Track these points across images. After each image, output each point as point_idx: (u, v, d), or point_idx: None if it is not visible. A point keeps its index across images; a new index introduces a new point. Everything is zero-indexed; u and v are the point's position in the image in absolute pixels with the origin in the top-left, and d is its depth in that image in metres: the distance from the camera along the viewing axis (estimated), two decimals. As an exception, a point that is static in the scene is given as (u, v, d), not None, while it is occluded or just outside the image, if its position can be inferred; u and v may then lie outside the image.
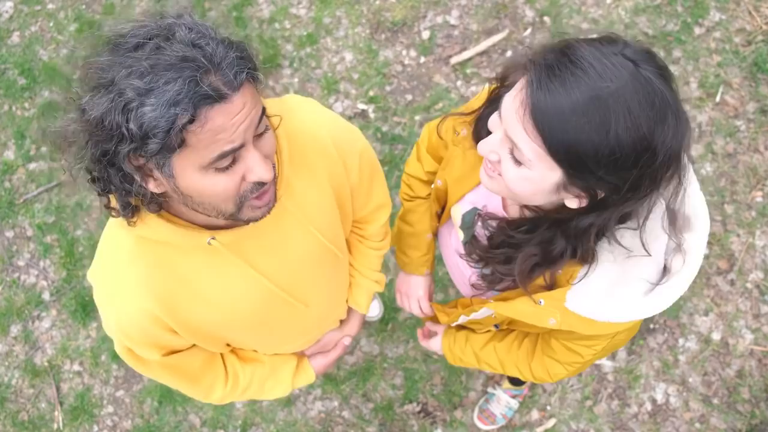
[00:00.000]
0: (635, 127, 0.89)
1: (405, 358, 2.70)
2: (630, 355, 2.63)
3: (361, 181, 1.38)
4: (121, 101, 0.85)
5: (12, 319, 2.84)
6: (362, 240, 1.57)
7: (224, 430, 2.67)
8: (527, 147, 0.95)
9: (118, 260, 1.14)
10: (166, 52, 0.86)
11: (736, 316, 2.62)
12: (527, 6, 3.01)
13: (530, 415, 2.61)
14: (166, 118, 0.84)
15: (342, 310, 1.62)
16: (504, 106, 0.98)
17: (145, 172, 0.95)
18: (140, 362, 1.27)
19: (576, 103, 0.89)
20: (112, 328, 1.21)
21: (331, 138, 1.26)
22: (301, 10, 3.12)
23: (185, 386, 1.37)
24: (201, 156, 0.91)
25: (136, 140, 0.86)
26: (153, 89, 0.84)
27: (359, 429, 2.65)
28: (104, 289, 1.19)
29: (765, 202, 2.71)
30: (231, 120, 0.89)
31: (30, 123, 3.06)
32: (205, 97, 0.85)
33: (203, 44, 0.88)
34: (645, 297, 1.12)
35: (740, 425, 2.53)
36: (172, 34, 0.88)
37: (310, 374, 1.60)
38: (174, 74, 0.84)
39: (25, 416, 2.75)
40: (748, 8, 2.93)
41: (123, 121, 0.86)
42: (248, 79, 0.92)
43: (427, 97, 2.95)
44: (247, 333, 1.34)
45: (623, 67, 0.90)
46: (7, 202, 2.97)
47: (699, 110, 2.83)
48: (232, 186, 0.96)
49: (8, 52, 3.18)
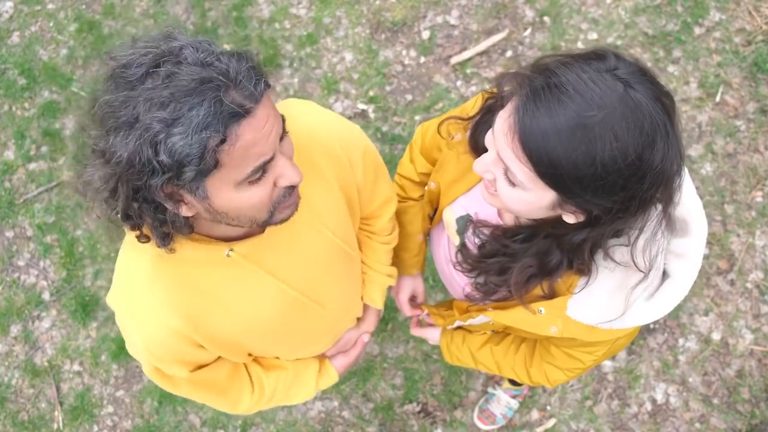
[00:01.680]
0: (622, 154, 0.88)
1: (405, 358, 2.70)
2: (630, 355, 2.63)
3: (366, 178, 1.39)
4: (148, 136, 0.84)
5: (12, 319, 2.84)
6: (371, 236, 1.57)
7: (224, 430, 2.67)
8: (518, 170, 0.95)
9: (138, 281, 1.14)
10: (180, 77, 0.84)
11: (736, 316, 2.62)
12: (527, 6, 3.01)
13: (530, 415, 2.61)
14: (198, 143, 0.84)
15: (358, 308, 1.63)
16: (496, 127, 0.98)
17: (176, 198, 0.94)
18: (169, 381, 1.28)
19: (561, 130, 0.88)
20: (139, 349, 1.21)
21: (335, 138, 1.26)
22: (301, 10, 3.12)
23: (214, 400, 1.38)
24: (236, 173, 0.91)
25: (171, 170, 0.86)
26: (179, 118, 0.83)
27: (359, 429, 2.65)
28: (127, 312, 1.19)
29: (765, 202, 2.71)
30: (260, 132, 0.89)
31: (30, 123, 3.06)
32: (232, 115, 0.85)
33: (214, 61, 0.87)
34: (646, 303, 1.12)
35: (740, 425, 2.53)
36: (180, 57, 0.86)
37: (333, 375, 1.61)
38: (197, 99, 0.83)
39: (25, 416, 2.75)
40: (748, 8, 2.93)
41: (153, 155, 0.84)
42: (267, 90, 0.92)
43: (427, 97, 2.95)
44: (269, 340, 1.35)
45: (612, 91, 0.88)
46: (7, 202, 2.97)
47: (699, 110, 2.83)
48: (266, 195, 0.97)
49: (8, 52, 3.18)
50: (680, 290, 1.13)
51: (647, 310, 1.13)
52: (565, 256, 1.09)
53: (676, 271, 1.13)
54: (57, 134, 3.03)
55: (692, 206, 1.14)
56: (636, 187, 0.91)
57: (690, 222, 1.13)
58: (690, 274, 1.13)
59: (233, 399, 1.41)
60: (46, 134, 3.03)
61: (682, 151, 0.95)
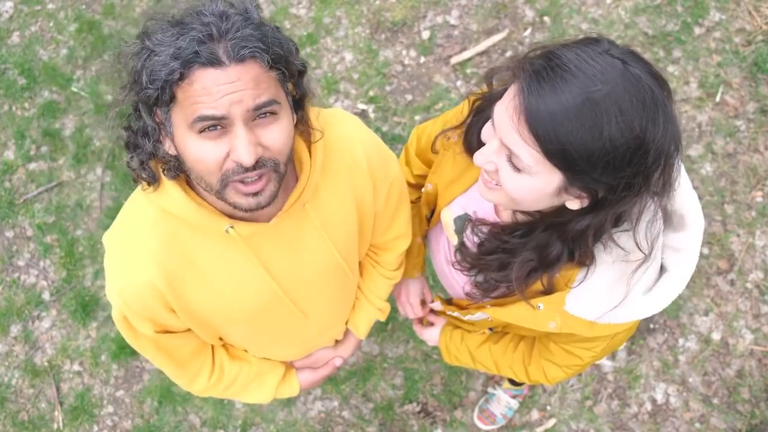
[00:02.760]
0: (628, 128, 0.90)
1: (405, 358, 2.70)
2: (630, 355, 2.63)
3: (387, 208, 1.38)
4: (144, 48, 0.94)
5: (12, 319, 2.84)
6: (376, 265, 1.56)
7: (224, 430, 2.67)
8: (525, 153, 0.95)
9: (137, 228, 1.16)
10: (197, 16, 0.94)
11: (736, 316, 2.62)
12: (527, 6, 3.01)
13: (530, 415, 2.61)
14: (165, 70, 0.92)
15: (340, 330, 1.62)
16: (497, 115, 0.98)
17: (161, 130, 1.01)
18: (133, 334, 1.27)
19: (568, 107, 0.89)
20: (114, 293, 1.21)
21: (366, 158, 1.26)
22: (301, 10, 3.12)
23: (171, 369, 1.37)
24: (186, 114, 0.95)
25: (145, 86, 0.94)
26: (165, 42, 0.93)
27: (359, 429, 2.65)
28: (116, 253, 1.20)
29: (765, 202, 2.71)
30: (217, 87, 0.92)
31: (30, 123, 3.06)
32: (197, 57, 0.91)
33: (230, 15, 0.94)
34: (644, 296, 1.12)
35: (740, 425, 2.53)
36: (214, 4, 0.96)
37: (294, 386, 1.59)
38: (185, 32, 0.92)
39: (25, 416, 2.75)
40: (748, 8, 2.93)
41: (140, 66, 0.95)
42: (258, 61, 0.95)
43: (427, 97, 2.95)
44: (243, 329, 1.35)
45: (612, 67, 0.90)
46: (7, 202, 2.97)
47: (699, 110, 2.83)
48: (214, 157, 0.98)
49: (8, 52, 3.17)
50: (678, 284, 1.13)
51: (645, 304, 1.13)
52: (566, 246, 1.09)
53: (674, 265, 1.14)
54: (57, 134, 3.03)
55: (688, 200, 1.14)
56: (641, 162, 0.92)
57: (686, 216, 1.13)
58: (687, 267, 1.13)
59: (190, 375, 1.40)
60: (46, 134, 3.03)
61: (679, 131, 0.96)
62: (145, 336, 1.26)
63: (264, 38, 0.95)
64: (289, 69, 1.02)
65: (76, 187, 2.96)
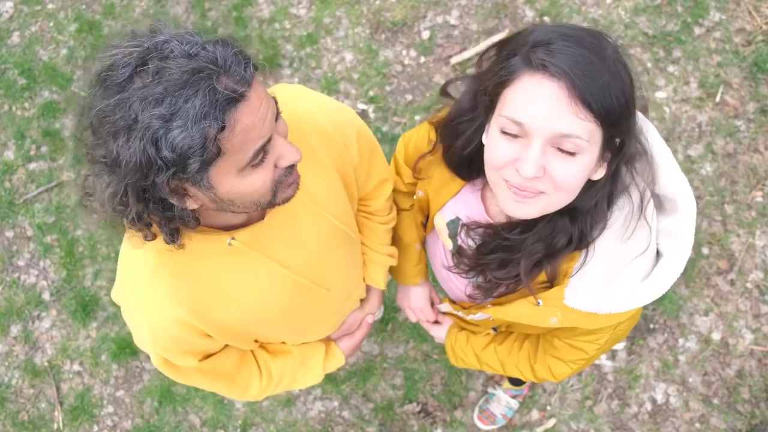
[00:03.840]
0: (626, 66, 0.99)
1: (405, 358, 2.70)
2: (630, 355, 2.63)
3: (362, 158, 1.38)
4: (149, 135, 0.83)
5: (12, 319, 2.84)
6: (369, 216, 1.57)
7: (224, 430, 2.67)
8: (581, 130, 0.95)
9: (141, 275, 1.14)
10: (170, 71, 0.84)
11: (736, 316, 2.62)
12: (527, 6, 3.01)
13: (530, 415, 2.61)
14: (198, 134, 0.84)
15: (361, 290, 1.63)
16: (531, 116, 0.96)
17: (181, 192, 0.94)
18: (179, 371, 1.28)
19: (594, 66, 0.94)
20: (146, 342, 1.21)
21: (329, 121, 1.26)
22: (301, 10, 3.12)
23: (223, 387, 1.39)
24: (238, 159, 0.91)
25: (175, 165, 0.86)
26: (176, 111, 0.83)
27: (359, 429, 2.65)
28: (132, 306, 1.20)
29: (765, 202, 2.71)
30: (256, 115, 0.91)
31: (30, 123, 3.06)
32: (228, 102, 0.86)
33: (200, 51, 0.87)
34: (642, 284, 1.12)
35: (740, 425, 2.53)
36: (165, 51, 0.86)
37: (339, 358, 1.62)
38: (191, 90, 0.83)
39: (25, 416, 2.75)
40: (748, 8, 2.93)
41: (155, 153, 0.84)
42: (256, 74, 0.93)
43: (427, 97, 2.95)
44: (275, 326, 1.36)
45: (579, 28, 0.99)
46: (7, 202, 2.97)
47: (699, 110, 2.83)
48: (269, 178, 0.98)
49: (8, 52, 3.17)
50: (675, 268, 1.13)
51: (644, 291, 1.13)
52: (576, 228, 1.10)
53: (670, 250, 1.14)
54: (57, 134, 3.03)
55: (678, 183, 1.14)
56: (633, 101, 1.00)
57: (677, 199, 1.13)
58: (683, 251, 1.13)
59: (242, 386, 1.42)
60: (46, 134, 3.03)
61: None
62: (191, 369, 1.27)
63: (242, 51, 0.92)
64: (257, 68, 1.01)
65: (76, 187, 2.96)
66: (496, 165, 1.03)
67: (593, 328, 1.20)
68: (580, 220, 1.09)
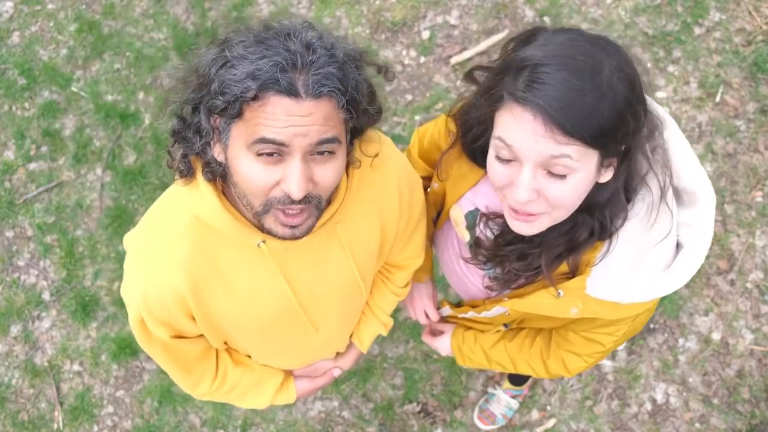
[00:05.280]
0: (624, 73, 0.97)
1: (405, 358, 2.70)
2: (630, 355, 2.63)
3: (407, 229, 1.40)
4: (221, 57, 0.94)
5: (12, 319, 2.84)
6: (386, 281, 1.57)
7: (224, 430, 2.67)
8: (568, 152, 0.96)
9: (168, 233, 1.15)
10: (283, 40, 0.94)
11: (736, 316, 2.62)
12: (527, 6, 3.02)
13: (530, 415, 2.61)
14: (240, 85, 0.91)
15: (344, 343, 1.63)
16: (517, 144, 0.98)
17: (215, 135, 1.01)
18: (147, 337, 1.27)
19: (578, 89, 0.93)
20: (135, 295, 1.20)
21: (397, 183, 1.28)
22: (301, 10, 3.12)
23: (177, 372, 1.38)
24: (248, 132, 0.95)
25: (213, 94, 0.94)
26: (246, 59, 0.92)
27: (359, 429, 2.65)
28: (142, 256, 1.19)
29: (765, 202, 2.71)
30: (286, 116, 0.93)
31: (30, 123, 3.06)
32: (276, 83, 0.91)
33: (317, 49, 0.94)
34: (664, 273, 1.13)
35: (740, 425, 2.53)
36: (303, 32, 0.96)
37: (291, 394, 1.60)
38: (269, 54, 0.92)
39: (25, 416, 2.75)
40: (748, 8, 2.93)
41: (214, 73, 0.94)
42: (333, 100, 0.95)
43: (427, 97, 2.95)
44: (253, 337, 1.35)
45: (572, 41, 0.97)
46: (7, 202, 2.97)
47: (699, 110, 2.83)
48: (264, 182, 0.98)
49: (8, 52, 3.18)
50: (695, 259, 1.14)
51: (666, 281, 1.13)
52: (597, 221, 1.10)
53: (690, 241, 1.15)
54: (57, 134, 3.03)
55: (697, 176, 1.15)
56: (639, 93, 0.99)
57: (696, 191, 1.15)
58: (704, 241, 1.14)
59: (195, 379, 1.41)
60: (46, 134, 3.03)
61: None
62: (159, 340, 1.26)
63: (344, 79, 0.96)
64: (358, 111, 1.03)
65: (76, 187, 2.96)
66: (495, 186, 1.08)
67: (614, 318, 1.19)
68: (598, 214, 1.09)
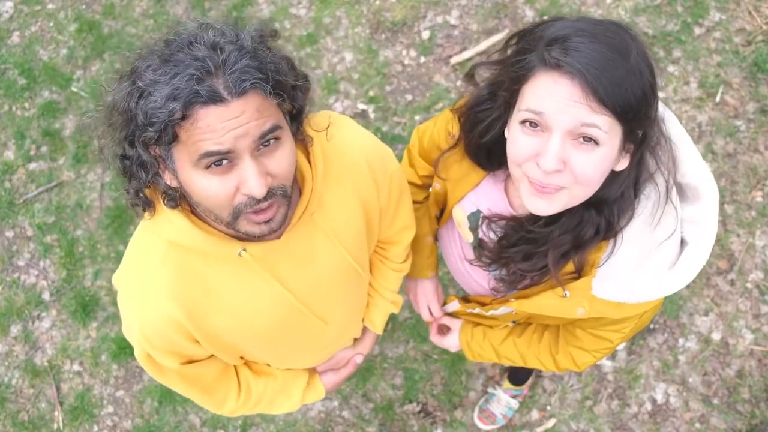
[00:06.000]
0: (647, 58, 0.99)
1: (405, 358, 2.70)
2: (630, 355, 2.63)
3: (390, 203, 1.38)
4: (135, 89, 0.91)
5: (12, 319, 2.84)
6: (384, 260, 1.57)
7: (224, 430, 2.67)
8: (599, 121, 0.96)
9: (147, 265, 1.14)
10: (188, 50, 0.90)
11: (736, 316, 2.62)
12: (527, 6, 3.02)
13: (530, 415, 2.61)
14: (165, 110, 0.89)
15: (358, 329, 1.62)
16: (550, 109, 0.98)
17: (161, 164, 0.99)
18: (159, 370, 1.27)
19: (612, 61, 0.95)
20: (134, 333, 1.20)
21: (365, 158, 1.26)
22: (301, 10, 3.12)
23: (199, 396, 1.37)
24: (190, 152, 0.93)
25: (141, 127, 0.92)
26: (160, 82, 0.89)
27: (359, 429, 2.65)
28: (130, 293, 1.19)
29: (765, 202, 2.71)
30: (221, 123, 0.91)
31: (30, 123, 3.06)
32: (198, 96, 0.88)
33: (224, 47, 0.91)
34: (670, 271, 1.13)
35: (740, 425, 2.53)
36: (203, 35, 0.93)
37: (320, 391, 1.60)
38: (180, 71, 0.88)
39: (25, 416, 2.75)
40: (748, 8, 2.93)
41: (134, 107, 0.92)
42: (258, 91, 0.92)
43: (427, 97, 2.95)
44: (265, 346, 1.34)
45: (599, 22, 0.99)
46: (7, 202, 2.97)
47: (699, 110, 2.83)
48: (224, 193, 0.96)
49: (8, 52, 3.18)
50: (700, 256, 1.13)
51: (671, 279, 1.13)
52: (603, 218, 1.10)
53: (694, 238, 1.14)
54: (57, 134, 3.03)
55: (700, 172, 1.15)
56: (654, 94, 1.00)
57: (699, 187, 1.14)
58: (707, 238, 1.14)
59: (219, 399, 1.40)
60: (46, 134, 3.03)
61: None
62: (171, 370, 1.25)
63: (262, 66, 0.93)
64: (287, 90, 0.99)
65: (76, 187, 2.96)
66: (518, 160, 1.05)
67: (620, 317, 1.19)
68: (606, 211, 1.09)
